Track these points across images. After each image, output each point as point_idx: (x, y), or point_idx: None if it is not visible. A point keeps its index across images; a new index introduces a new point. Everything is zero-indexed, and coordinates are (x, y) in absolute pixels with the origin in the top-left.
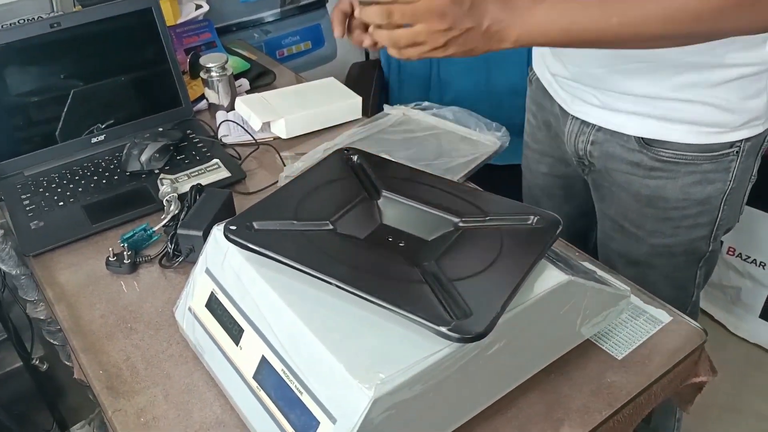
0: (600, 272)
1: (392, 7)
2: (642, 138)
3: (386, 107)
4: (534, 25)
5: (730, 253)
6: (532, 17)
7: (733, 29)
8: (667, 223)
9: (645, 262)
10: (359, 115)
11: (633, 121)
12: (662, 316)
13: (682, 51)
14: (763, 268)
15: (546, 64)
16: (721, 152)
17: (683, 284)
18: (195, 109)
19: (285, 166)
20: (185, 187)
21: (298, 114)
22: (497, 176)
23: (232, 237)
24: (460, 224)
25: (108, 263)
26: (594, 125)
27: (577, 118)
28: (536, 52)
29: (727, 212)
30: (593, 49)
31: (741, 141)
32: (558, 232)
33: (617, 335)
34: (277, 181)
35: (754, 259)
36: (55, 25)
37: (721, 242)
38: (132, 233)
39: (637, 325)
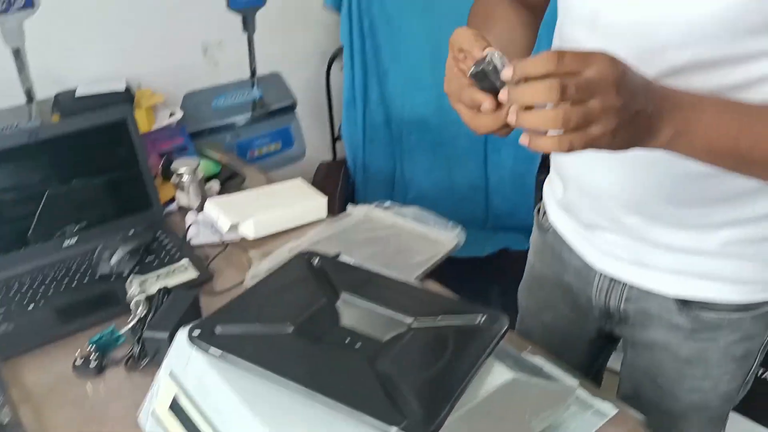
0: (548, 366)
1: (565, 80)
2: (681, 299)
3: (350, 207)
4: (698, 127)
5: None
6: (697, 117)
7: None
8: (707, 381)
9: (679, 415)
10: (324, 215)
11: (672, 280)
12: (608, 409)
13: (726, 205)
14: None
15: (568, 213)
16: (762, 310)
17: (715, 429)
18: (166, 210)
19: (251, 266)
20: (153, 289)
21: (266, 215)
22: (458, 269)
23: (195, 341)
24: (413, 325)
25: (75, 366)
26: (627, 283)
27: (606, 275)
28: (553, 200)
29: (762, 358)
30: (735, 171)
31: None
32: (505, 330)
33: (566, 429)
34: (243, 281)
35: None
36: (34, 136)
37: None
38: (100, 336)
39: (585, 419)
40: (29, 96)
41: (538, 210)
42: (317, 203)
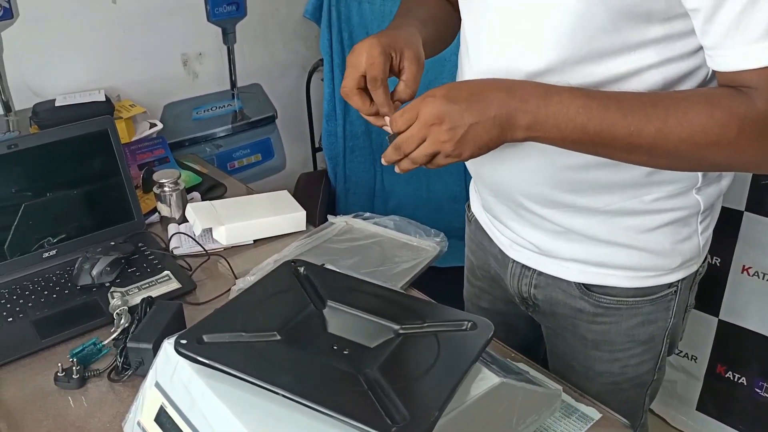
0: (533, 372)
1: (398, 142)
2: (582, 284)
3: (330, 218)
4: (547, 116)
5: None
6: (545, 107)
7: (745, 164)
8: (615, 364)
9: (596, 397)
10: (303, 228)
11: (572, 268)
12: (593, 413)
13: (613, 195)
14: (695, 362)
15: (483, 204)
16: (659, 294)
17: (633, 411)
18: (147, 221)
19: (237, 278)
20: (136, 300)
21: (240, 223)
22: (441, 278)
23: (182, 351)
24: (400, 331)
25: (56, 378)
26: (535, 270)
27: (518, 262)
28: (473, 191)
29: (671, 343)
30: (598, 155)
31: (678, 281)
32: (490, 336)
33: None
34: (228, 290)
35: (686, 353)
36: (13, 146)
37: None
38: (81, 348)
39: (570, 423)
40: (7, 107)
41: (468, 204)
42: (296, 215)
